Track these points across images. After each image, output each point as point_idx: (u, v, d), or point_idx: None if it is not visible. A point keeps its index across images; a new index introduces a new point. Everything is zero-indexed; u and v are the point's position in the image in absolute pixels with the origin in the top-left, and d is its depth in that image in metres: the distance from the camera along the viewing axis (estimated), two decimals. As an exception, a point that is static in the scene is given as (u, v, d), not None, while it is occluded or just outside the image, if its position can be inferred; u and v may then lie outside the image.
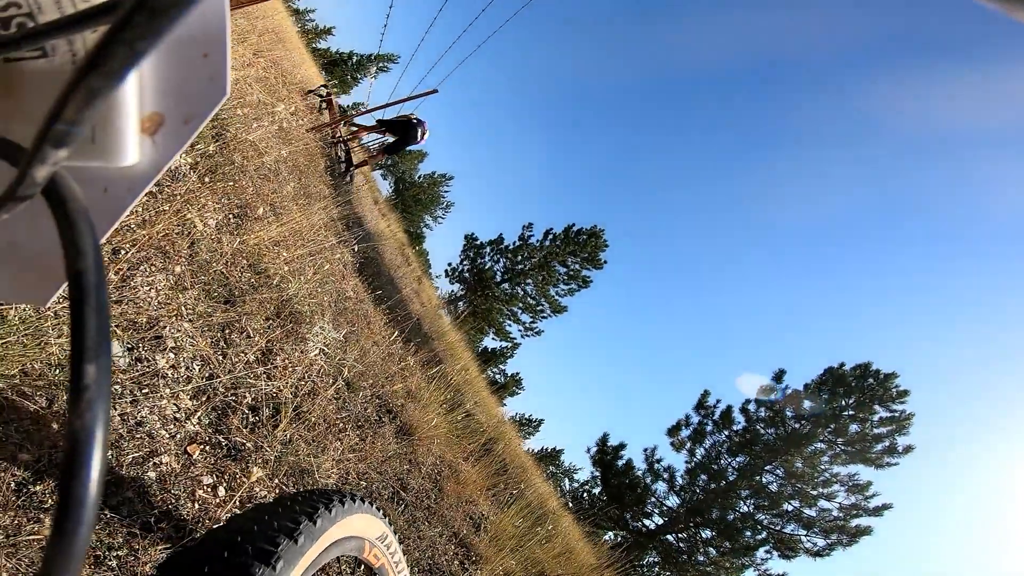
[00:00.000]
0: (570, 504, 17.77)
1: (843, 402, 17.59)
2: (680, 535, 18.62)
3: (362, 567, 1.77)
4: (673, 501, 19.37)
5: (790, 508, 17.47)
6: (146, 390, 1.29)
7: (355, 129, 7.65)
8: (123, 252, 1.57)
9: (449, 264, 28.10)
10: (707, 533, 18.14)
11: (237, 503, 1.33)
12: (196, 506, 1.20)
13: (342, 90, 34.89)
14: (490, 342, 28.86)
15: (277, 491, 1.52)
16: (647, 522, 19.62)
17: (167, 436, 1.25)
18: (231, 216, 2.47)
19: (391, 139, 6.66)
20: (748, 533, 17.54)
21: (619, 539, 18.46)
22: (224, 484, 1.34)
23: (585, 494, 21.53)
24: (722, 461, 18.85)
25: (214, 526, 1.18)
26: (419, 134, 6.52)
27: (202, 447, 1.35)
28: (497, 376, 29.09)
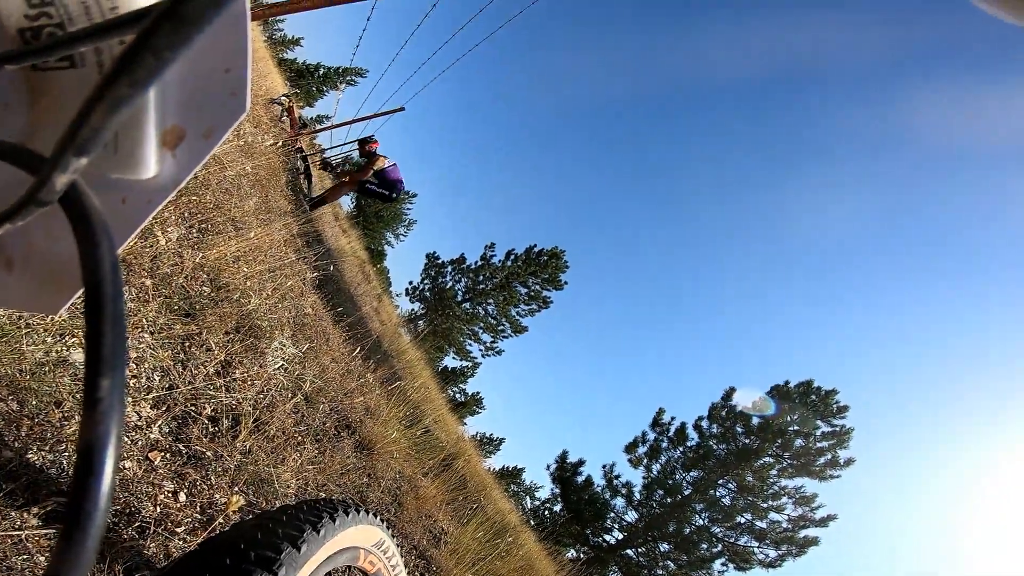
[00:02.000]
0: (531, 521, 17.78)
1: (788, 418, 18.36)
2: (639, 549, 18.83)
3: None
4: (631, 516, 19.63)
5: (743, 521, 17.98)
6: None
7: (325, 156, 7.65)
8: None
9: (410, 282, 28.02)
10: (665, 547, 18.43)
11: (198, 508, 1.37)
12: (158, 510, 1.24)
13: (307, 102, 34.46)
14: (451, 361, 28.73)
15: (238, 497, 1.55)
16: (607, 537, 19.78)
17: (129, 442, 1.29)
18: (193, 230, 2.49)
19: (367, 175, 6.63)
20: (704, 546, 17.93)
21: (580, 555, 18.54)
22: (185, 490, 1.38)
23: (546, 511, 21.53)
24: (677, 476, 19.30)
25: (216, 532, 1.22)
26: (397, 195, 6.67)
27: (163, 454, 1.39)
28: (457, 395, 28.94)
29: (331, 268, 6.48)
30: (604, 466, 20.90)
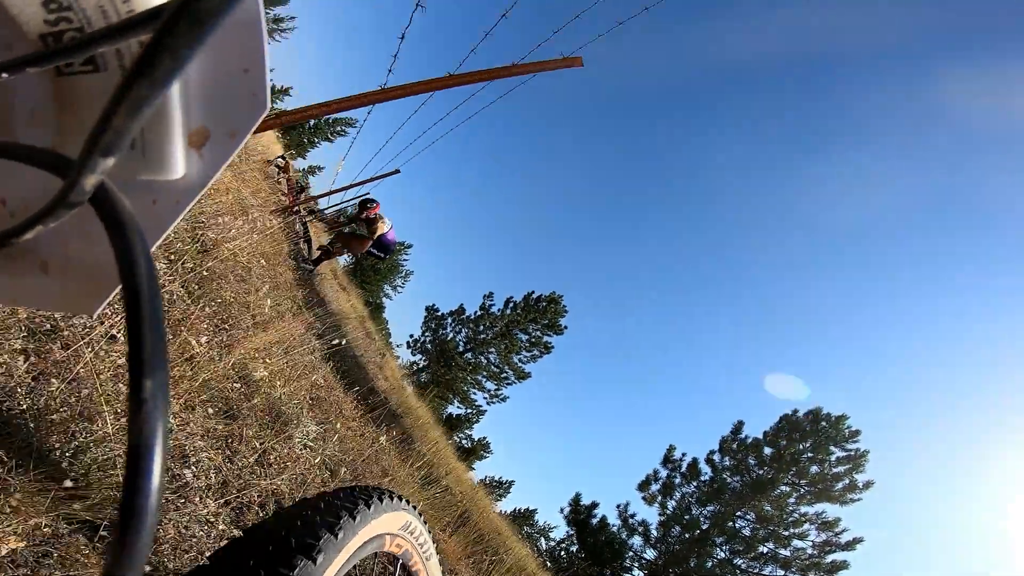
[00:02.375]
0: (548, 564, 17.53)
1: (800, 446, 18.43)
2: (662, 587, 18.49)
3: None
4: (651, 554, 19.31)
5: (765, 550, 17.71)
6: (183, 500, 1.60)
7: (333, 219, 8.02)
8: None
9: (411, 336, 28.30)
10: (688, 583, 18.11)
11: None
12: (232, 592, 1.50)
13: (299, 153, 34.53)
14: (456, 408, 28.73)
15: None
16: (628, 577, 19.43)
17: (204, 535, 1.56)
18: (220, 331, 2.79)
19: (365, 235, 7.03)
20: (728, 578, 17.64)
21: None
22: (248, 573, 1.63)
23: (563, 552, 21.17)
24: (694, 511, 19.09)
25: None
26: (389, 255, 7.21)
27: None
28: (464, 441, 28.80)
29: (336, 335, 6.74)
30: (619, 506, 20.68)
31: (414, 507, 1.13)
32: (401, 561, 1.12)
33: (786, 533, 17.78)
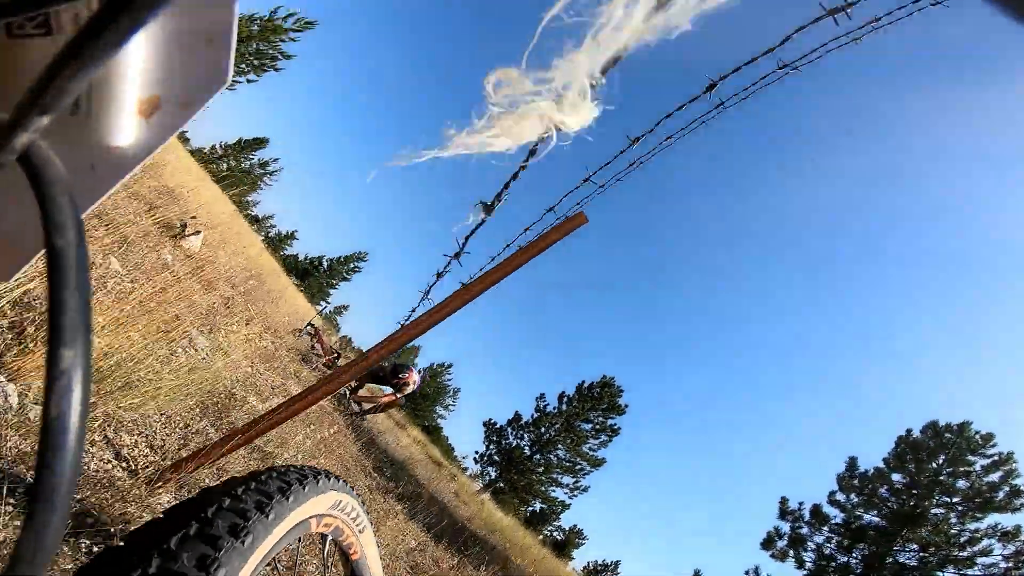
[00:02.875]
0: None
1: (934, 464, 16.95)
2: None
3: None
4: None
5: (948, 576, 15.80)
6: None
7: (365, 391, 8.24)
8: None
9: (476, 452, 28.27)
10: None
11: None
12: None
13: (321, 297, 35.58)
14: (538, 506, 27.85)
15: None
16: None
17: None
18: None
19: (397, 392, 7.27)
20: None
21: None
22: None
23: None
24: (839, 558, 17.20)
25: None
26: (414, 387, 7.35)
27: None
28: (555, 533, 27.77)
29: (410, 483, 6.70)
30: (747, 572, 18.91)
31: (345, 482, 1.09)
32: (331, 538, 1.08)
33: (963, 554, 15.83)
